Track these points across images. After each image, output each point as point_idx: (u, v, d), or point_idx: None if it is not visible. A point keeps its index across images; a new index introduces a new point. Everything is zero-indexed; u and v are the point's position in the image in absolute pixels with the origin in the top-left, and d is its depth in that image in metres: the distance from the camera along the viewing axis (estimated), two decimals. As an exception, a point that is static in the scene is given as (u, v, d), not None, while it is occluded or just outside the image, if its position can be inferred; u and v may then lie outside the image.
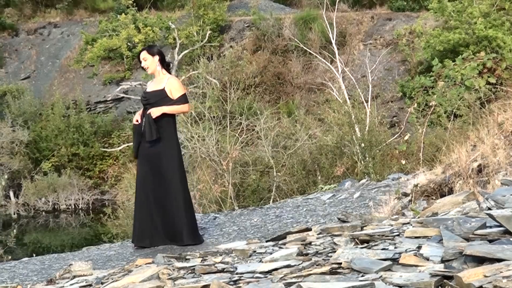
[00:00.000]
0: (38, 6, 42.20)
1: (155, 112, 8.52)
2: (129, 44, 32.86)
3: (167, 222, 8.54)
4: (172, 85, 8.72)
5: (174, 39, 32.71)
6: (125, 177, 26.75)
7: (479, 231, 4.64)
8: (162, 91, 8.68)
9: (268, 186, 20.54)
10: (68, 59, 37.63)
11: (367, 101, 21.51)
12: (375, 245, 5.13)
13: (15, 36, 40.58)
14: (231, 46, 34.05)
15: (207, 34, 33.00)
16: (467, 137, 9.88)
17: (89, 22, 38.58)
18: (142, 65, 8.97)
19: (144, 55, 8.94)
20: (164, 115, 8.56)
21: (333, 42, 24.27)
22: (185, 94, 8.86)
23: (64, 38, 39.51)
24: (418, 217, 6.20)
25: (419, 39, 29.42)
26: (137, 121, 8.82)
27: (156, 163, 8.57)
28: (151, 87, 8.95)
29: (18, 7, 41.90)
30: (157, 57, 8.84)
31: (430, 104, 12.55)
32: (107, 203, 30.94)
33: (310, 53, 28.31)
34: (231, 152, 19.71)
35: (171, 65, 9.21)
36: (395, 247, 4.94)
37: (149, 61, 8.82)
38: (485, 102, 15.90)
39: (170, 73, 9.08)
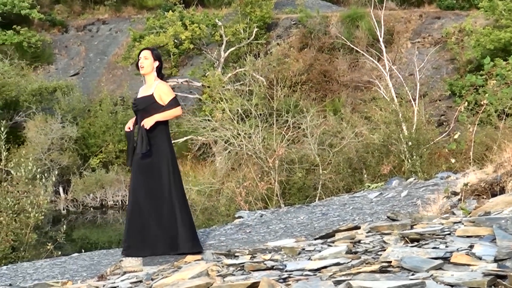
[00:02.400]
0: (87, 3, 42.63)
1: (148, 122, 8.27)
2: (176, 41, 32.98)
3: (163, 231, 8.26)
4: (161, 90, 8.46)
5: (221, 36, 32.77)
6: (171, 173, 26.79)
7: (533, 231, 4.57)
8: (151, 97, 8.42)
9: (313, 184, 20.48)
10: (116, 55, 37.92)
11: (414, 100, 21.34)
12: (426, 243, 5.07)
13: (65, 33, 41.04)
14: (277, 44, 34.03)
15: (254, 32, 33.01)
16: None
17: (136, 19, 38.85)
18: (140, 62, 8.60)
19: (147, 54, 8.62)
20: (156, 123, 8.33)
21: (381, 40, 24.13)
22: (175, 97, 8.56)
23: (112, 34, 39.86)
24: (470, 216, 6.13)
25: (469, 38, 29.13)
26: (129, 128, 8.58)
27: (148, 172, 8.32)
28: (141, 93, 8.70)
29: (67, 4, 42.38)
30: (157, 63, 8.58)
31: (482, 102, 12.36)
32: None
33: (356, 51, 28.17)
34: (277, 149, 19.69)
35: (164, 76, 8.96)
36: (446, 246, 4.89)
37: (149, 62, 8.53)
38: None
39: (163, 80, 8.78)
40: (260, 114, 22.62)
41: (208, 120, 24.28)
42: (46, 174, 15.21)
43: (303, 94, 27.86)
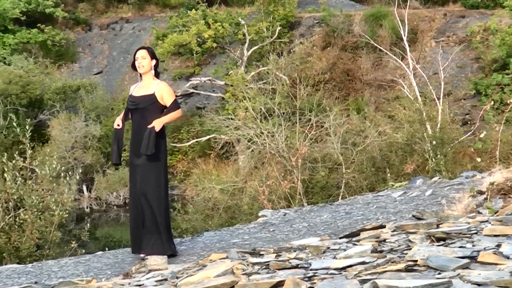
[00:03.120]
0: (110, 1, 42.80)
1: (158, 125, 8.23)
2: (199, 39, 33.00)
3: (148, 228, 8.24)
4: (163, 90, 8.43)
5: (244, 35, 32.77)
6: (194, 172, 26.89)
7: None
8: (152, 96, 8.38)
9: (336, 183, 20.44)
10: (139, 54, 37.99)
11: (438, 98, 21.25)
12: (452, 242, 5.04)
13: (89, 31, 41.22)
14: (300, 42, 33.98)
15: (277, 30, 32.99)
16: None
17: (160, 18, 38.96)
18: (138, 62, 8.55)
19: (144, 54, 8.58)
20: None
21: (404, 39, 24.04)
22: (176, 99, 8.57)
23: (135, 33, 39.98)
24: (497, 215, 6.08)
25: (494, 37, 28.96)
26: (118, 125, 8.55)
27: (142, 173, 8.29)
28: (138, 91, 8.61)
29: (91, 2, 42.56)
30: (154, 62, 8.56)
31: (508, 101, 12.28)
32: (176, 198, 31.15)
33: (380, 49, 28.10)
34: (300, 148, 19.66)
35: (160, 74, 8.90)
36: (473, 245, 4.86)
37: (147, 61, 8.51)
38: None
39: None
40: (283, 113, 22.60)
41: (231, 118, 24.29)
42: (70, 172, 15.26)
43: (326, 92, 27.83)
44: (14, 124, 16.38)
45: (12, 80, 32.82)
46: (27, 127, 14.46)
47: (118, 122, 8.56)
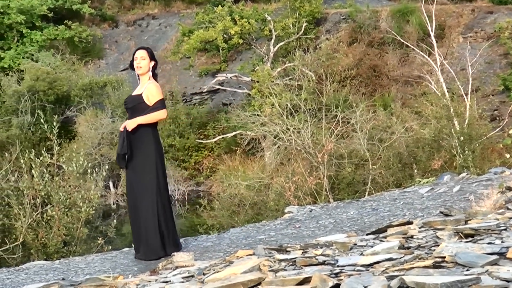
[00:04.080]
0: (137, -2, 42.97)
1: (130, 125, 8.18)
2: (225, 36, 33.04)
3: (138, 233, 8.17)
4: (149, 91, 8.35)
5: (270, 31, 32.75)
6: (220, 168, 26.93)
7: None
8: (140, 97, 8.34)
9: (363, 179, 20.38)
10: (165, 50, 38.13)
11: (466, 94, 21.13)
12: (481, 239, 4.99)
13: (115, 28, 41.40)
14: (327, 39, 33.89)
15: (303, 26, 32.94)
16: None
17: (186, 14, 39.04)
18: (137, 62, 8.52)
19: (143, 54, 8.50)
20: (141, 125, 8.20)
21: (432, 35, 23.91)
22: (162, 99, 8.43)
23: (161, 29, 40.09)
24: (526, 212, 6.02)
25: (523, 32, 28.79)
26: (123, 128, 8.44)
27: (135, 175, 8.23)
28: (134, 92, 8.67)
29: (118, -1, 42.77)
30: (153, 63, 8.52)
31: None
32: (202, 194, 31.22)
33: (407, 45, 27.97)
34: (326, 144, 19.62)
35: (157, 75, 8.82)
36: (502, 241, 4.80)
37: (146, 62, 8.45)
38: None
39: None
40: (309, 109, 22.57)
41: (257, 115, 24.29)
42: (96, 169, 15.31)
43: (352, 89, 27.75)
44: (42, 120, 16.45)
45: (40, 77, 33.03)
46: (54, 123, 14.49)
47: (124, 125, 8.46)
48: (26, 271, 8.24)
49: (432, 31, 23.89)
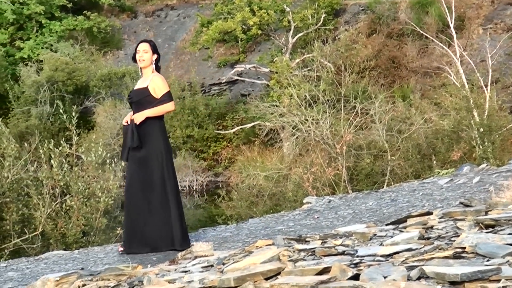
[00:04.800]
0: (156, -12, 42.99)
1: (138, 118, 8.13)
2: (243, 27, 32.97)
3: (155, 226, 8.05)
4: (156, 83, 8.26)
5: (289, 22, 32.67)
6: (239, 159, 26.95)
7: None
8: (145, 90, 8.25)
9: (381, 170, 20.35)
10: (183, 41, 38.16)
11: (486, 86, 21.02)
12: (501, 230, 4.96)
13: (134, 18, 41.46)
14: (346, 30, 33.79)
15: (322, 17, 32.82)
16: None
17: (204, 5, 39.00)
18: (140, 55, 8.38)
19: (146, 47, 8.39)
20: (148, 118, 8.15)
21: (451, 26, 23.78)
22: (169, 92, 8.34)
23: (180, 20, 40.11)
24: (547, 203, 5.98)
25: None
26: (126, 122, 8.37)
27: (142, 167, 8.14)
28: (138, 85, 8.55)
29: (137, -11, 42.82)
30: (155, 56, 8.42)
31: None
32: (220, 185, 31.25)
33: (426, 37, 27.85)
34: (345, 135, 19.60)
35: (160, 68, 8.71)
36: (523, 233, 4.78)
37: (148, 55, 8.35)
38: None
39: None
40: (328, 100, 22.54)
41: (276, 106, 24.28)
42: (115, 159, 15.30)
43: (371, 80, 27.68)
44: (61, 111, 16.49)
45: (59, 67, 33.15)
46: (73, 114, 14.51)
47: (127, 119, 8.40)
48: (45, 261, 8.27)
49: (451, 23, 23.76)
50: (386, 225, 6.41)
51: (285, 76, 26.50)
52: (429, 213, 6.36)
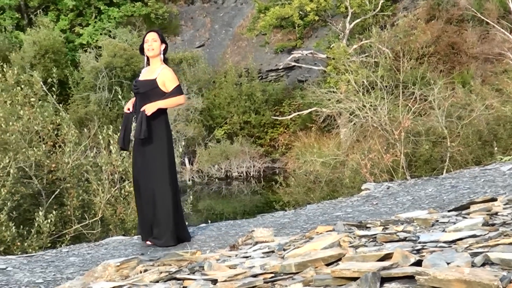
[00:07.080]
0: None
1: (150, 108, 7.96)
2: (301, 12, 32.84)
3: (153, 218, 8.00)
4: (166, 76, 8.15)
5: (346, 8, 32.45)
6: (296, 145, 26.92)
7: None
8: (153, 82, 8.13)
9: (440, 156, 20.13)
10: (241, 27, 38.16)
11: (550, 72, 20.68)
12: None
13: (191, 4, 41.57)
14: (404, 15, 33.45)
15: (380, 3, 32.52)
16: None
17: (262, -9, 38.91)
18: (148, 45, 8.32)
19: (155, 36, 8.27)
20: (157, 110, 8.01)
21: (513, 11, 23.44)
22: (179, 85, 8.23)
23: (237, 6, 40.11)
24: None
25: None
26: (128, 109, 8.26)
27: (146, 160, 8.04)
28: (143, 75, 8.43)
29: (194, -25, 42.88)
30: (163, 46, 8.32)
31: None
32: (277, 171, 31.25)
33: (487, 22, 27.44)
34: (403, 121, 19.43)
35: (168, 59, 8.59)
36: None
37: (157, 44, 8.25)
38: None
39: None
40: (386, 86, 22.37)
41: (333, 91, 24.17)
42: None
43: (430, 66, 27.41)
44: (119, 96, 16.61)
45: (117, 53, 33.40)
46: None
47: (128, 106, 8.33)
48: (105, 246, 8.33)
49: (513, 7, 23.42)
50: (448, 211, 6.31)
51: (342, 62, 26.36)
52: (493, 199, 6.24)
